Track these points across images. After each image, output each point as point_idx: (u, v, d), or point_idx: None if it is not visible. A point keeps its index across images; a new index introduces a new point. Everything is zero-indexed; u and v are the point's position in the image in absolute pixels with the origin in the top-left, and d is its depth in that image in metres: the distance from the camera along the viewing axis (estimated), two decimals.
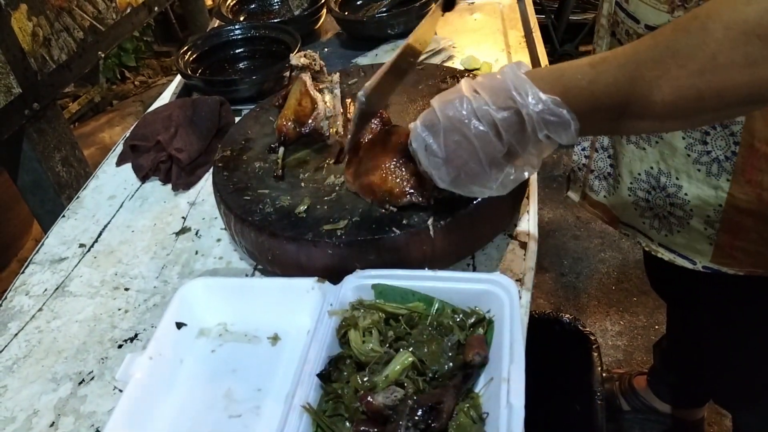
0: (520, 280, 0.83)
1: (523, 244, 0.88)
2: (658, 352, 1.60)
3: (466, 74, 1.12)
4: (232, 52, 1.50)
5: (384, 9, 1.52)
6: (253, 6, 1.76)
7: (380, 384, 0.66)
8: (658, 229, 1.00)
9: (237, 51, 1.50)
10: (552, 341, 1.37)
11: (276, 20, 1.62)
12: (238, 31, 1.50)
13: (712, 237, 0.92)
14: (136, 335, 0.86)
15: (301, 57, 1.07)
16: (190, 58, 1.43)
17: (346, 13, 1.56)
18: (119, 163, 1.24)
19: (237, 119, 1.19)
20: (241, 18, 1.71)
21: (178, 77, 1.51)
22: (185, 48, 1.45)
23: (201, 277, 0.85)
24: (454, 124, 0.68)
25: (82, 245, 1.05)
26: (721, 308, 1.13)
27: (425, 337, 0.70)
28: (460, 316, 0.72)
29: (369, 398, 0.63)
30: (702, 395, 1.56)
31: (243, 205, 0.89)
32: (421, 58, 1.35)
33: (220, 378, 0.77)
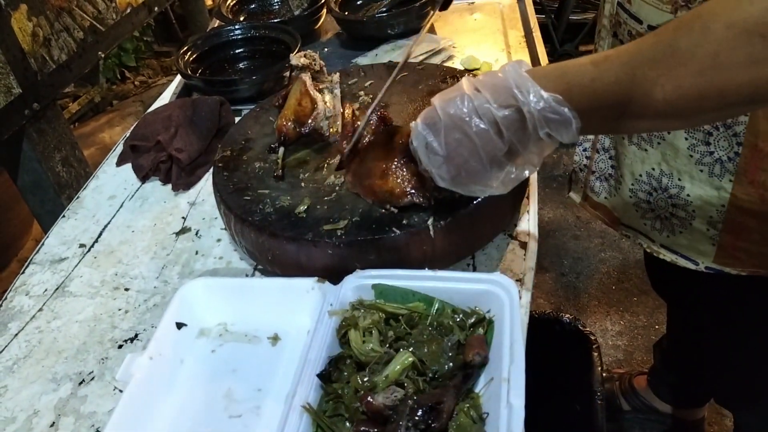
0: (520, 280, 0.83)
1: (523, 244, 0.88)
2: (658, 352, 1.60)
3: (466, 74, 1.12)
4: (232, 52, 1.50)
5: (384, 9, 1.51)
6: (253, 6, 1.76)
7: (380, 384, 0.66)
8: (660, 230, 0.99)
9: (237, 51, 1.50)
10: (552, 341, 1.37)
11: (276, 20, 1.62)
12: (238, 31, 1.50)
13: (714, 238, 0.92)
14: (137, 335, 0.86)
15: (301, 57, 1.07)
16: (190, 58, 1.43)
17: (346, 13, 1.56)
18: (119, 163, 1.24)
19: (237, 119, 1.19)
20: (241, 18, 1.71)
21: (178, 77, 1.51)
22: (185, 48, 1.45)
23: (201, 277, 0.85)
24: (455, 122, 0.67)
25: (83, 245, 1.05)
26: (721, 308, 1.13)
27: (425, 337, 0.70)
28: (460, 316, 0.72)
29: (369, 398, 0.63)
30: (702, 395, 1.55)
31: (243, 205, 0.89)
32: (421, 58, 1.36)
33: (220, 378, 0.77)
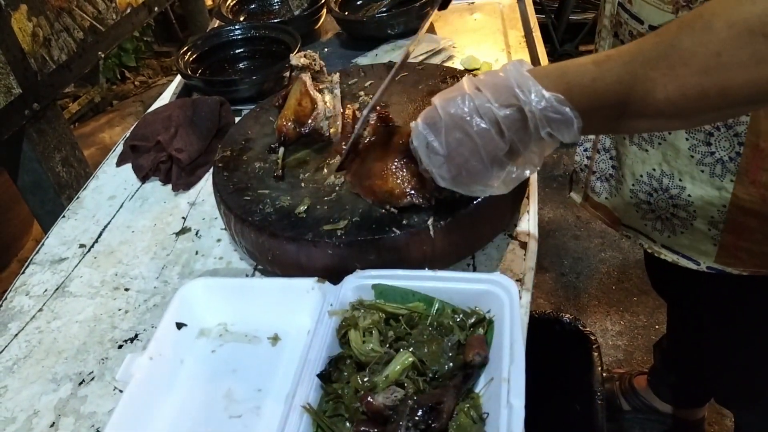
0: (520, 280, 0.83)
1: (524, 244, 0.88)
2: (658, 352, 1.60)
3: (467, 74, 1.12)
4: (232, 52, 1.50)
5: (384, 9, 1.51)
6: (253, 6, 1.76)
7: (380, 384, 0.66)
8: (661, 230, 0.99)
9: (237, 51, 1.50)
10: (552, 341, 1.37)
11: (276, 20, 1.62)
12: (238, 32, 1.50)
13: (716, 238, 0.92)
14: (137, 335, 0.86)
15: (301, 57, 1.07)
16: (190, 59, 1.43)
17: (346, 13, 1.56)
18: (119, 164, 1.24)
19: (237, 119, 1.19)
20: (241, 18, 1.71)
21: (178, 77, 1.51)
22: (185, 48, 1.45)
23: (201, 278, 0.84)
24: (456, 122, 0.67)
25: (83, 245, 1.04)
26: (722, 308, 1.13)
27: (425, 337, 0.70)
28: (460, 316, 0.72)
29: (369, 398, 0.63)
30: (702, 395, 1.55)
31: (243, 206, 0.89)
32: (421, 58, 1.36)
33: (220, 378, 0.77)
